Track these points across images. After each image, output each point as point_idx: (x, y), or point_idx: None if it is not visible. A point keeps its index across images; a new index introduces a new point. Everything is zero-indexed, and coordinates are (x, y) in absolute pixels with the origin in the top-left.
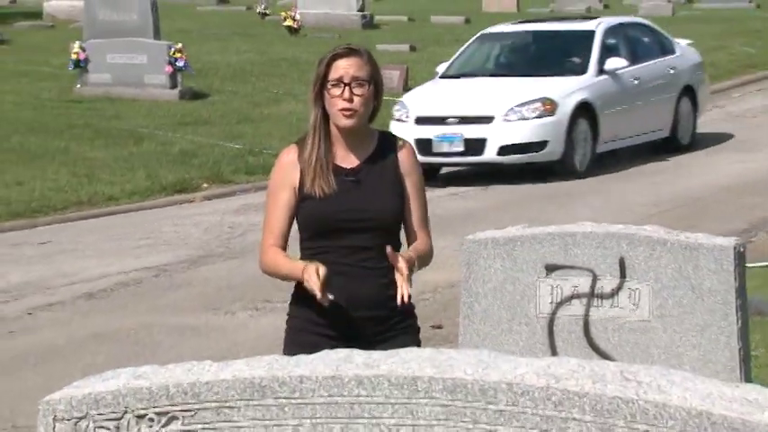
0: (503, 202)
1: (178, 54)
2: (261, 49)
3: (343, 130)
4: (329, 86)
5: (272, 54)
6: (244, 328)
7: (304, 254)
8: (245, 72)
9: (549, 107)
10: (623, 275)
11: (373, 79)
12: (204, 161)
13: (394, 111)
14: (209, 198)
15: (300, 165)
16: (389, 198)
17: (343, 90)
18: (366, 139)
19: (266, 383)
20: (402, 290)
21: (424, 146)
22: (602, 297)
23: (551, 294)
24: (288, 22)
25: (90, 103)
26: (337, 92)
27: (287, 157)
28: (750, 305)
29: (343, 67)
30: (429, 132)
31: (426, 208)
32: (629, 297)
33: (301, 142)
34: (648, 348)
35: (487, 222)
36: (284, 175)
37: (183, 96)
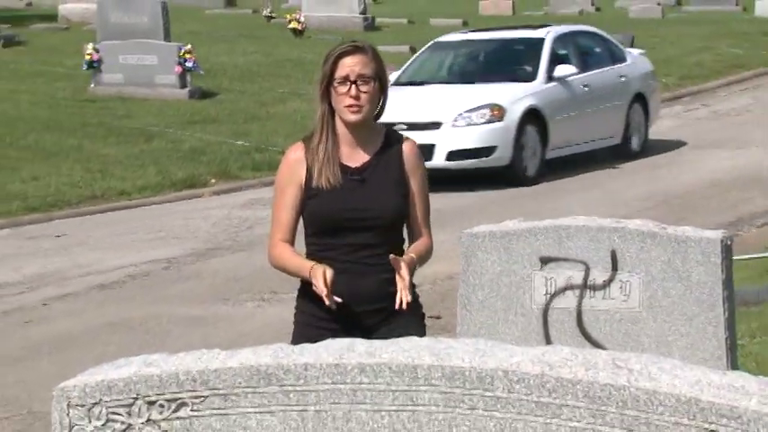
0: (497, 198)
1: (187, 55)
2: (267, 50)
3: (350, 126)
4: (335, 84)
5: (278, 55)
6: (251, 318)
7: (309, 249)
8: (251, 72)
9: (497, 113)
10: (615, 268)
11: (378, 76)
12: (212, 158)
13: None
14: (217, 193)
15: (307, 160)
16: (392, 197)
17: (350, 87)
18: (372, 137)
19: (272, 371)
20: (401, 295)
21: None
22: (595, 288)
23: (546, 286)
24: (292, 24)
25: (103, 102)
26: (344, 89)
27: (294, 154)
28: (736, 296)
29: (349, 65)
30: None
31: (429, 206)
32: (620, 288)
33: (308, 139)
34: (639, 337)
35: (483, 217)
36: (291, 171)
37: (192, 96)
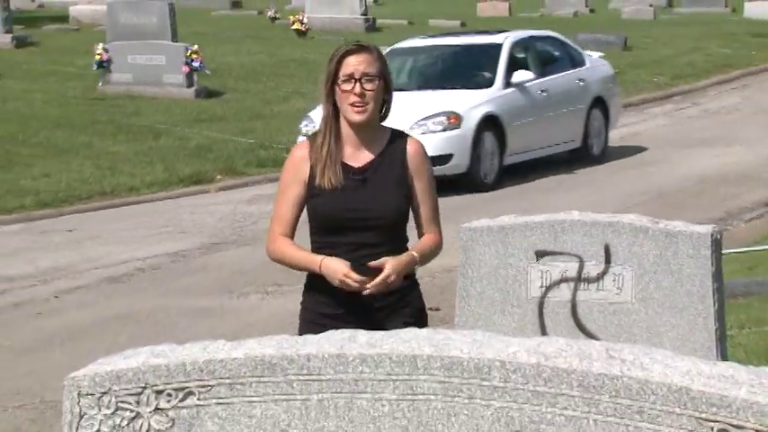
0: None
1: (194, 55)
2: (271, 50)
3: (354, 125)
4: (340, 82)
5: (282, 55)
6: (255, 309)
7: (312, 246)
8: (256, 72)
9: (453, 120)
10: (608, 261)
11: (383, 75)
12: (218, 155)
13: (301, 126)
14: (223, 189)
15: (311, 159)
16: (394, 198)
17: (354, 85)
18: (376, 138)
19: (276, 361)
20: (371, 285)
21: None
22: (589, 281)
23: (541, 278)
24: (296, 25)
25: (112, 100)
26: (348, 87)
27: (298, 153)
28: (726, 288)
29: (354, 64)
30: None
31: (436, 204)
32: (613, 281)
33: (313, 138)
34: (631, 329)
35: (481, 212)
36: (295, 169)
37: (198, 95)
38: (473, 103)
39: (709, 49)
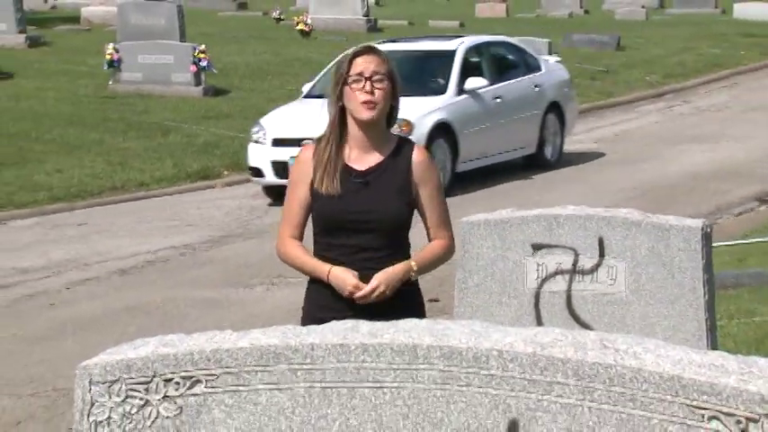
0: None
1: (202, 55)
2: (276, 50)
3: (363, 126)
4: (350, 82)
5: (286, 55)
6: (261, 300)
7: (315, 247)
8: (261, 71)
9: (405, 128)
10: (602, 254)
11: (391, 77)
12: (225, 151)
13: (252, 132)
14: (229, 184)
15: (314, 162)
16: (395, 203)
17: (365, 84)
18: (383, 142)
19: (280, 351)
20: (356, 296)
21: (280, 168)
22: (583, 273)
23: (537, 271)
24: (300, 26)
25: (123, 98)
26: (359, 86)
27: (305, 154)
28: (716, 280)
29: (363, 63)
30: (285, 154)
31: (444, 210)
32: (607, 273)
33: (318, 141)
34: (624, 319)
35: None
36: (301, 170)
37: (206, 93)
38: (425, 111)
39: (700, 48)
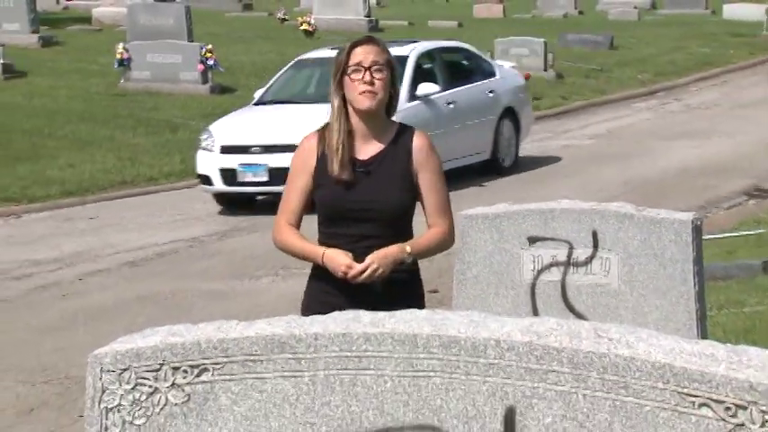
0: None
1: (209, 54)
2: (280, 50)
3: (363, 116)
4: (350, 72)
5: (291, 54)
6: (266, 291)
7: (319, 236)
8: (266, 70)
9: None
10: (596, 246)
11: (390, 66)
12: None
13: (201, 139)
14: None
15: (319, 150)
16: (396, 191)
17: (364, 73)
18: (383, 131)
19: (285, 340)
20: (350, 274)
21: (229, 176)
22: (578, 265)
23: (533, 263)
24: (304, 26)
25: (132, 96)
26: (358, 76)
27: (307, 143)
28: (706, 272)
29: (362, 53)
30: (233, 162)
31: (444, 197)
32: (600, 265)
33: (323, 130)
34: (617, 309)
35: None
36: (303, 160)
37: (212, 91)
38: None
39: (691, 48)
